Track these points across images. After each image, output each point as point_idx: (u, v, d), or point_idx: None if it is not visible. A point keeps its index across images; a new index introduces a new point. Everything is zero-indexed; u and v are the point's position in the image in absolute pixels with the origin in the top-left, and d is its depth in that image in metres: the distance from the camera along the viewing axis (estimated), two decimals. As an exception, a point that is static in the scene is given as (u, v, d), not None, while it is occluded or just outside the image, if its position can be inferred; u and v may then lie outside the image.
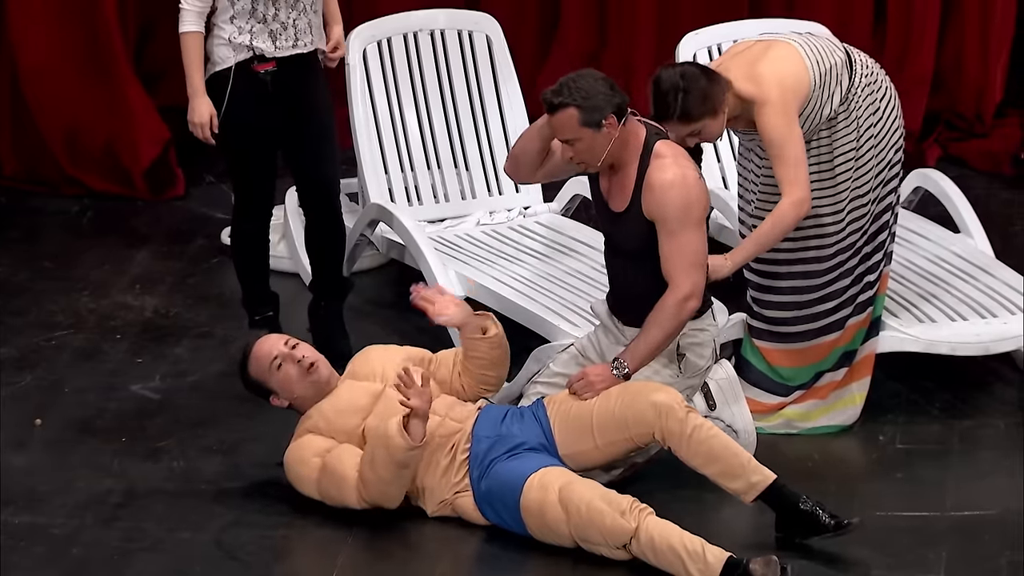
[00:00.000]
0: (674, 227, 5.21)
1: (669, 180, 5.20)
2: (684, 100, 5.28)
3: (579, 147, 5.19)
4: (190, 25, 5.77)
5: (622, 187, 5.29)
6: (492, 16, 6.69)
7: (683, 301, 5.23)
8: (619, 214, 5.31)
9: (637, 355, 5.26)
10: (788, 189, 5.39)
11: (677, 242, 5.21)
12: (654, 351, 5.27)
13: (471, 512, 5.19)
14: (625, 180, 5.28)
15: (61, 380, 5.99)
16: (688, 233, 5.21)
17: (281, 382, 5.27)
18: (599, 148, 5.20)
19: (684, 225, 5.20)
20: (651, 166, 5.23)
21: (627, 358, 5.26)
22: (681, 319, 5.25)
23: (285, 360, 5.26)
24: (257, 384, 5.32)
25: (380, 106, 6.52)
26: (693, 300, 5.24)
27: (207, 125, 5.80)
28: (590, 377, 5.26)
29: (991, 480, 5.42)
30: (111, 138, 7.32)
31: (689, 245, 5.21)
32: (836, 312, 5.63)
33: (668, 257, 5.23)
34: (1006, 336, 5.80)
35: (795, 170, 5.38)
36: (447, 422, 5.24)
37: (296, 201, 6.49)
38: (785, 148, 5.37)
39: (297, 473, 5.24)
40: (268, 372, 5.27)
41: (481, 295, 6.02)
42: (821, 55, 5.46)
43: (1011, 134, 7.62)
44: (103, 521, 5.22)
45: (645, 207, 5.24)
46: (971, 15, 7.62)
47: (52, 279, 6.67)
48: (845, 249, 5.59)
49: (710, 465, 5.07)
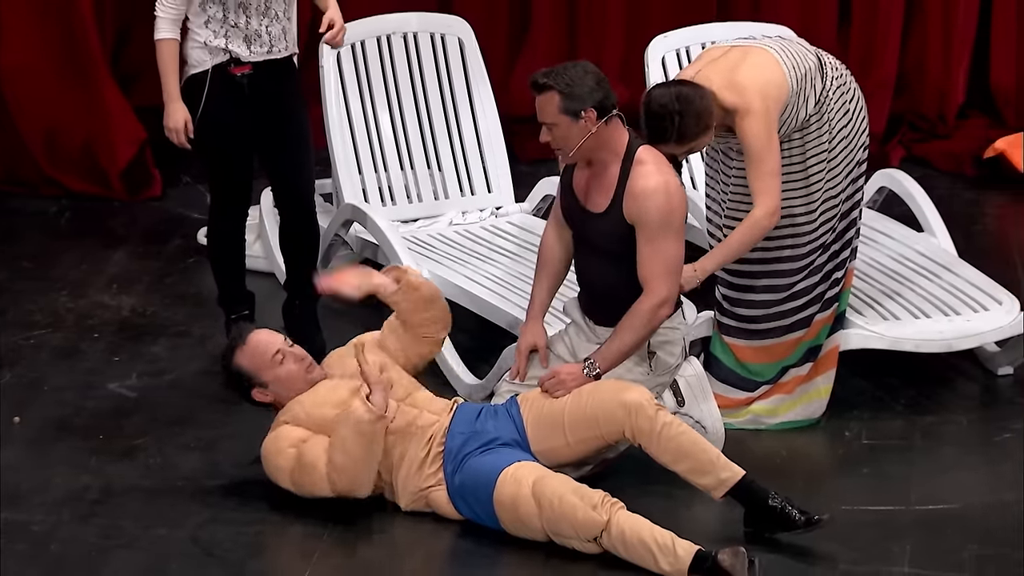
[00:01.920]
0: (654, 233, 5.21)
1: (652, 187, 5.20)
2: (681, 124, 5.26)
3: (556, 133, 5.20)
4: (165, 32, 5.76)
5: (602, 188, 5.28)
6: (464, 19, 6.69)
7: (657, 307, 5.24)
8: (598, 215, 5.30)
9: (608, 357, 5.27)
10: (761, 199, 5.37)
11: (655, 248, 5.22)
12: (625, 354, 5.28)
13: (445, 506, 5.18)
14: (606, 181, 5.27)
15: (39, 379, 5.96)
16: (667, 240, 5.21)
17: (281, 377, 5.24)
18: (574, 138, 5.19)
19: (664, 231, 5.21)
20: (633, 171, 5.22)
21: (598, 360, 5.27)
22: (653, 325, 5.26)
23: (288, 356, 5.25)
24: (245, 375, 5.27)
25: (354, 108, 6.51)
26: (666, 307, 5.25)
27: (182, 130, 5.78)
28: (562, 376, 5.25)
29: (954, 475, 5.43)
30: (89, 139, 7.30)
31: (667, 252, 5.22)
32: (805, 309, 5.63)
33: (645, 262, 5.24)
34: (969, 333, 5.80)
35: (770, 180, 5.37)
36: (424, 414, 5.23)
37: (271, 201, 6.47)
38: (764, 158, 5.35)
39: (274, 464, 5.22)
40: (268, 364, 5.23)
41: (454, 294, 6.00)
42: (797, 61, 5.45)
43: (973, 135, 7.65)
44: (81, 518, 5.20)
45: (627, 211, 5.24)
46: (933, 19, 7.64)
47: (30, 279, 6.65)
48: (816, 248, 5.59)
49: (680, 462, 5.07)
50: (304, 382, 5.25)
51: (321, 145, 6.40)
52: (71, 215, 7.20)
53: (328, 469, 5.11)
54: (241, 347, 5.25)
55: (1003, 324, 5.84)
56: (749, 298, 5.62)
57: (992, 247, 6.89)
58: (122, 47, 7.50)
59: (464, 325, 6.10)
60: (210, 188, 6.01)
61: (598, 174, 5.29)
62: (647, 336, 5.28)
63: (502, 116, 6.69)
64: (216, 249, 6.05)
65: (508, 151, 6.68)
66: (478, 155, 6.63)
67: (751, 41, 5.55)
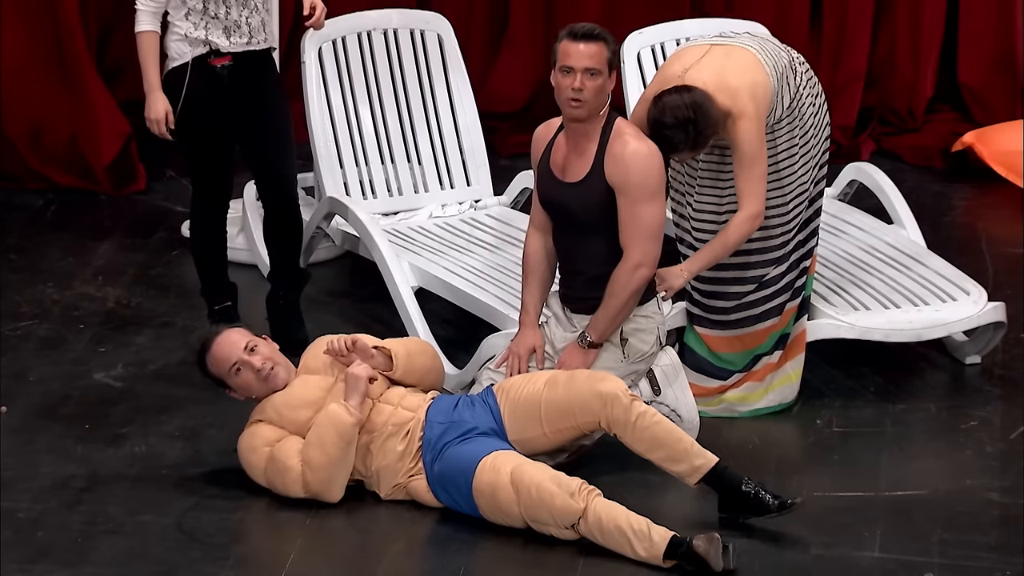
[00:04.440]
0: (635, 195, 5.24)
1: (633, 149, 5.24)
2: (695, 131, 5.24)
3: (595, 83, 5.22)
4: (145, 24, 5.74)
5: (581, 156, 5.31)
6: (443, 16, 6.67)
7: (634, 268, 5.27)
8: (575, 184, 5.32)
9: (599, 326, 5.33)
10: (748, 201, 5.36)
11: (635, 211, 5.24)
12: (613, 319, 5.32)
13: (424, 495, 5.17)
14: (585, 150, 5.30)
15: (26, 369, 5.94)
16: (647, 203, 5.24)
17: (240, 386, 5.25)
18: (606, 93, 5.26)
19: (644, 194, 5.24)
20: (612, 139, 5.26)
21: (590, 331, 5.33)
22: (633, 287, 5.28)
23: (244, 367, 5.23)
24: (215, 379, 5.30)
25: (335, 102, 6.50)
26: (644, 268, 5.28)
27: (163, 121, 5.76)
28: (565, 363, 5.32)
29: (922, 462, 5.44)
30: (74, 134, 7.27)
31: (646, 215, 5.25)
32: (775, 298, 5.63)
33: (625, 225, 5.27)
34: (937, 323, 5.81)
35: (759, 185, 5.36)
36: (399, 410, 5.22)
37: (254, 195, 6.46)
38: (755, 162, 5.34)
39: (247, 460, 5.22)
40: (227, 375, 5.24)
41: (434, 285, 6.00)
42: (775, 60, 5.44)
43: (941, 129, 7.66)
44: (67, 505, 5.18)
45: (608, 174, 5.26)
46: (902, 15, 7.65)
47: (17, 271, 6.62)
48: (788, 241, 5.59)
49: (654, 451, 5.07)
50: (263, 390, 5.24)
51: (303, 139, 6.39)
52: (57, 208, 7.17)
53: (303, 468, 5.11)
54: (207, 354, 5.25)
55: (971, 314, 5.84)
56: (720, 289, 5.62)
57: (960, 238, 6.90)
58: (106, 43, 7.48)
59: (443, 315, 6.10)
60: (192, 180, 5.99)
61: (578, 143, 5.32)
62: (631, 300, 5.30)
63: (481, 112, 6.68)
64: (198, 241, 6.03)
65: (487, 146, 6.68)
66: (457, 149, 6.62)
67: (730, 40, 5.53)
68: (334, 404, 5.14)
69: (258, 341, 5.27)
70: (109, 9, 7.34)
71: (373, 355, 5.27)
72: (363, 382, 5.16)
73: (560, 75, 5.26)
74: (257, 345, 5.25)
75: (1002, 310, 5.88)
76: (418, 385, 5.33)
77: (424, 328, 5.89)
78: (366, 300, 6.37)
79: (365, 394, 5.16)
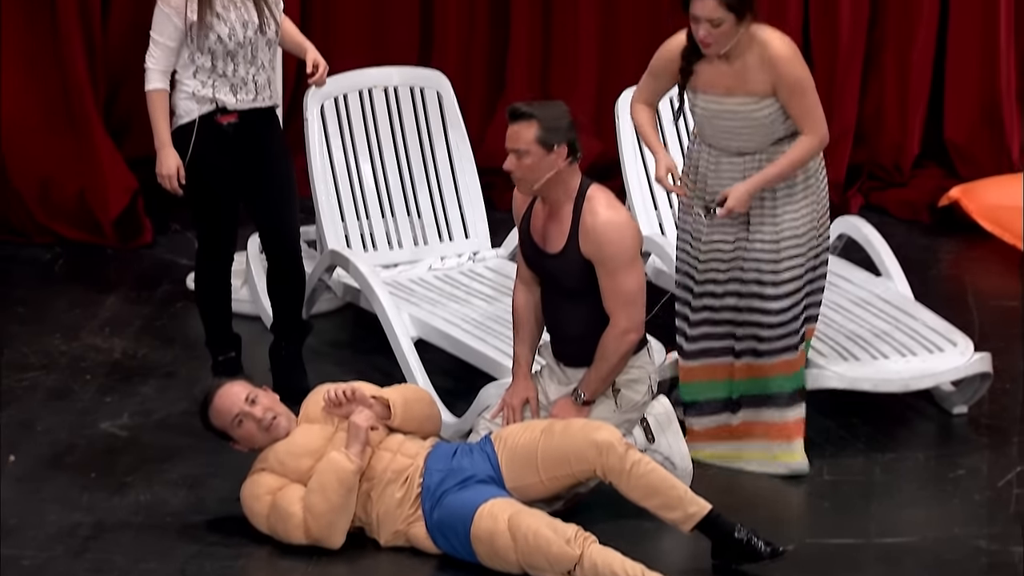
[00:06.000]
0: (611, 266, 5.25)
1: (604, 221, 5.23)
2: None
3: (526, 162, 5.21)
4: (155, 83, 5.75)
5: (558, 229, 5.32)
6: (443, 73, 6.69)
7: (622, 334, 5.29)
8: (556, 255, 5.33)
9: (591, 386, 5.37)
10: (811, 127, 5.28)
11: (614, 281, 5.25)
12: (605, 380, 5.36)
13: (424, 541, 5.14)
14: (561, 222, 5.31)
15: (33, 419, 5.92)
16: (624, 272, 5.25)
17: (243, 437, 5.25)
18: (542, 170, 5.22)
19: (620, 264, 5.25)
20: (585, 208, 5.26)
21: (584, 389, 5.37)
22: (622, 351, 5.31)
23: (246, 418, 5.22)
24: (218, 431, 5.28)
25: (337, 158, 6.51)
26: (632, 333, 5.30)
27: (175, 176, 5.77)
28: (557, 414, 5.34)
29: (911, 510, 5.43)
30: (82, 189, 7.28)
31: (626, 283, 5.25)
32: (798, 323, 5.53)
33: (607, 294, 5.29)
34: (925, 374, 5.80)
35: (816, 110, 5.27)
36: (399, 458, 5.20)
37: (258, 247, 6.45)
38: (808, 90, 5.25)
39: (250, 508, 5.20)
40: (230, 427, 5.23)
41: (433, 335, 5.99)
42: None
43: (928, 184, 7.67)
44: (73, 553, 5.16)
45: (583, 248, 5.27)
46: (890, 74, 7.68)
47: (25, 323, 6.62)
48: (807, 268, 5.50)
49: (649, 498, 5.05)
50: (265, 440, 5.22)
51: (305, 194, 6.40)
52: (65, 262, 7.18)
53: (305, 515, 5.09)
54: (210, 408, 5.24)
55: (958, 365, 5.83)
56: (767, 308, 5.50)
57: (947, 291, 6.90)
58: (114, 100, 7.50)
59: (442, 365, 6.09)
60: (197, 235, 6.00)
61: (553, 214, 5.32)
62: (622, 361, 5.33)
63: (479, 167, 6.70)
64: (203, 294, 6.03)
65: (485, 200, 6.68)
66: (456, 203, 6.63)
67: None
68: (335, 452, 5.12)
69: (258, 392, 5.25)
70: (117, 67, 7.36)
71: (372, 404, 5.24)
72: (363, 431, 5.14)
73: None
74: (258, 396, 5.23)
75: (988, 361, 5.87)
76: (417, 433, 5.30)
77: (423, 378, 5.88)
78: (367, 351, 6.36)
79: (366, 442, 5.13)
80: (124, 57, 7.14)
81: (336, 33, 7.57)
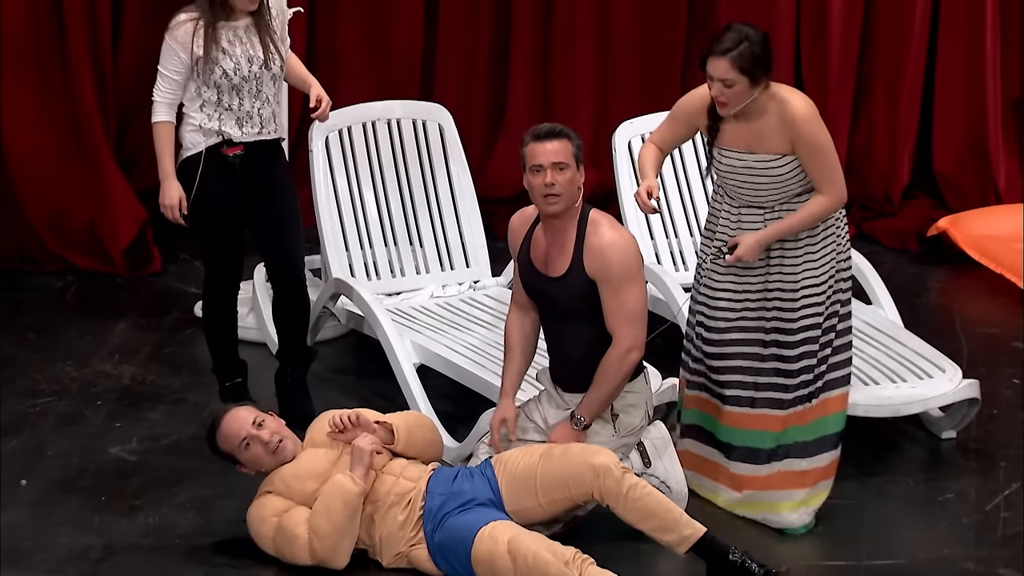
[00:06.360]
0: (616, 284, 5.27)
1: (609, 241, 5.27)
2: (743, 47, 5.11)
3: (565, 176, 5.25)
4: (161, 115, 5.78)
5: (561, 251, 5.34)
6: (444, 107, 6.73)
7: (625, 354, 5.29)
8: (560, 278, 5.35)
9: (591, 408, 5.34)
10: (827, 188, 5.21)
11: (619, 299, 5.27)
12: (605, 403, 5.34)
13: (425, 563, 5.17)
14: (564, 244, 5.34)
15: (44, 444, 5.94)
16: (628, 290, 5.27)
17: (250, 460, 5.28)
18: (574, 183, 5.28)
19: (625, 282, 5.27)
20: (589, 230, 5.30)
21: (583, 412, 5.34)
22: (624, 371, 5.31)
23: (253, 441, 5.26)
24: (225, 455, 5.32)
25: (341, 188, 6.55)
26: (635, 352, 5.30)
27: (176, 207, 5.80)
28: (556, 440, 5.33)
29: (901, 532, 5.44)
30: (93, 220, 7.31)
31: (630, 301, 5.27)
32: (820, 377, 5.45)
33: (611, 313, 5.30)
34: (915, 399, 5.82)
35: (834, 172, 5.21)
36: (401, 481, 5.24)
37: (264, 276, 6.49)
38: (826, 151, 5.20)
39: (256, 530, 5.22)
40: (237, 450, 5.27)
41: (434, 362, 6.02)
42: None
43: (917, 214, 7.71)
44: (84, 575, 5.17)
45: (588, 267, 5.29)
46: (880, 107, 7.73)
47: (37, 350, 6.64)
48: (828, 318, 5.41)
49: (645, 521, 5.08)
50: (271, 462, 5.26)
51: (310, 223, 6.43)
52: (76, 290, 7.19)
53: (310, 536, 5.12)
54: (217, 432, 5.27)
55: (947, 391, 5.85)
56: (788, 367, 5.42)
57: (936, 318, 6.93)
58: (124, 133, 7.54)
59: (443, 391, 6.11)
60: (204, 263, 6.02)
61: (556, 239, 5.35)
62: (622, 383, 5.33)
63: (479, 197, 6.73)
64: (210, 321, 6.05)
65: (485, 229, 6.72)
66: (457, 233, 6.66)
67: None
68: (340, 475, 5.15)
69: (265, 416, 5.29)
70: (127, 101, 7.40)
71: (375, 429, 5.29)
72: (367, 455, 5.18)
73: (531, 175, 5.29)
74: (264, 420, 5.27)
75: (976, 387, 5.89)
76: (419, 457, 5.34)
77: (425, 403, 5.91)
78: (370, 376, 6.39)
79: (370, 465, 5.17)
80: (134, 91, 7.17)
81: (341, 68, 7.63)
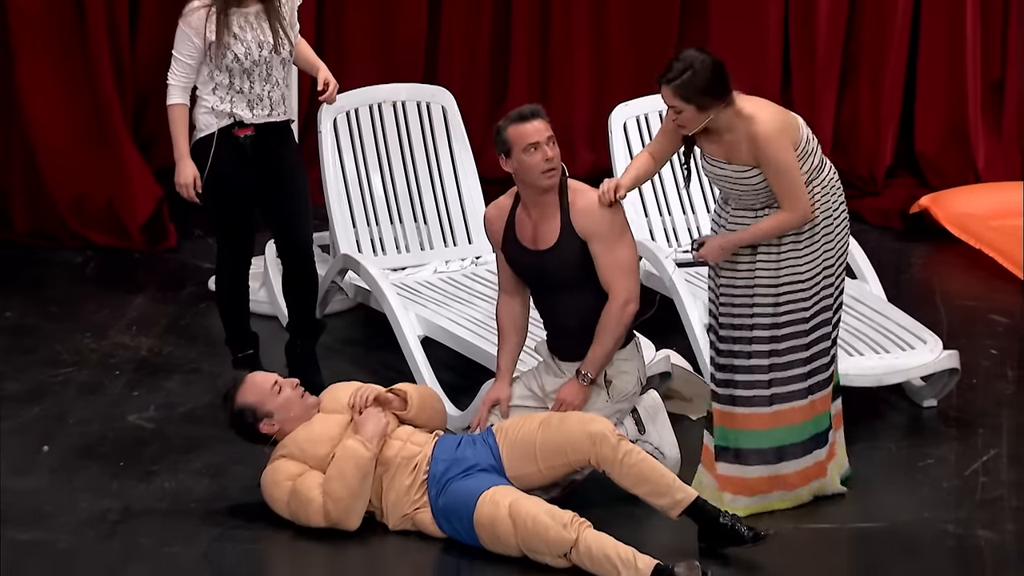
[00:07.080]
0: (609, 237, 5.31)
1: (594, 197, 5.32)
2: (685, 76, 5.06)
3: (556, 148, 5.32)
4: (175, 98, 5.81)
5: (549, 223, 5.37)
6: (447, 89, 6.75)
7: (624, 305, 5.33)
8: (550, 249, 5.38)
9: (596, 363, 5.37)
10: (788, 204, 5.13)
11: (612, 253, 5.31)
12: (608, 355, 5.37)
13: (429, 526, 5.23)
14: (550, 216, 5.37)
15: (65, 412, 5.98)
16: (619, 242, 5.32)
17: (281, 404, 5.28)
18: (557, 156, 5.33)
19: (615, 233, 5.31)
20: (572, 197, 5.35)
21: (588, 368, 5.37)
22: (624, 322, 5.35)
23: (284, 386, 5.31)
24: (249, 410, 5.29)
25: (348, 168, 6.57)
26: (632, 304, 5.34)
27: (191, 186, 5.82)
28: (565, 398, 5.36)
29: (883, 496, 5.46)
30: (110, 197, 7.34)
31: (623, 254, 5.32)
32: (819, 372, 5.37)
33: (606, 268, 5.33)
34: (897, 369, 5.84)
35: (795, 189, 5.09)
36: (408, 446, 5.29)
37: (274, 252, 6.52)
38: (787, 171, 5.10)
39: (270, 494, 5.27)
40: (269, 394, 5.27)
41: (438, 334, 6.06)
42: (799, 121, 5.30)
43: (900, 193, 7.73)
44: (103, 537, 5.22)
45: (579, 228, 5.33)
46: (864, 91, 7.74)
47: (58, 322, 6.66)
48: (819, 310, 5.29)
49: (639, 486, 5.13)
50: (301, 407, 5.29)
51: (319, 202, 6.46)
52: (95, 265, 7.20)
53: (324, 499, 5.16)
54: (241, 387, 5.29)
55: (928, 361, 5.88)
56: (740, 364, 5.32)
57: (917, 292, 6.93)
58: (141, 116, 7.56)
59: (447, 362, 6.13)
60: (217, 240, 6.04)
61: (543, 212, 5.38)
62: (622, 334, 5.35)
63: (481, 176, 6.75)
64: (223, 295, 6.07)
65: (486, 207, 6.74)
66: (460, 210, 6.69)
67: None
68: (351, 440, 5.19)
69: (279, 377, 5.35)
70: (144, 86, 7.41)
71: (391, 400, 5.34)
72: (383, 424, 5.21)
73: (526, 155, 5.30)
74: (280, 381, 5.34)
75: (956, 358, 5.93)
76: (425, 427, 5.40)
77: (429, 373, 5.95)
78: (377, 348, 6.41)
79: (383, 434, 5.22)
80: (151, 75, 7.16)
81: (348, 52, 7.64)
